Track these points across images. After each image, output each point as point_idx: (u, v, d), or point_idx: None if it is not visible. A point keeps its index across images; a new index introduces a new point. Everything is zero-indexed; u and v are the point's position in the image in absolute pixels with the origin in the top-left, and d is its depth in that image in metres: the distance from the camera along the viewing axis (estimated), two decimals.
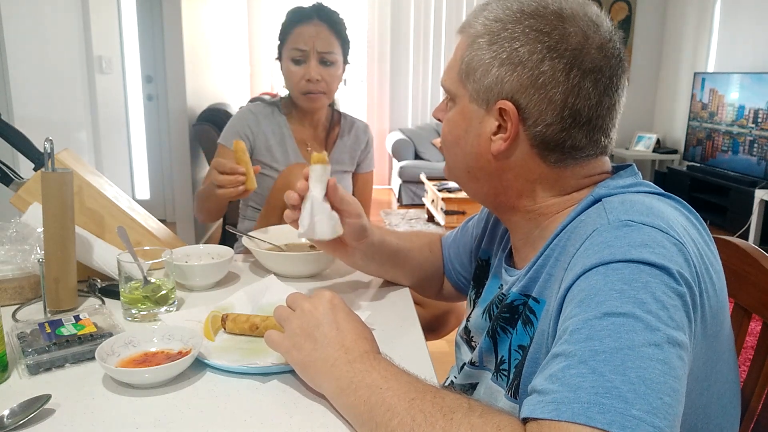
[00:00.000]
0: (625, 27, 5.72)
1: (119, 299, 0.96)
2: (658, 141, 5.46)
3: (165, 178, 4.56)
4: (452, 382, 0.89)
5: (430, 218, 4.99)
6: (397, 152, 5.65)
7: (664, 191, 0.70)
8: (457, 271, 1.05)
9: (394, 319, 0.98)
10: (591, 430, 0.47)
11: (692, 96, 4.91)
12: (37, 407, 0.66)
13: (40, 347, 0.79)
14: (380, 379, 0.63)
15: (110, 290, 1.05)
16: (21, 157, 1.16)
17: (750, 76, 4.28)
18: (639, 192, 0.69)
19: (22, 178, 1.16)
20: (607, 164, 0.75)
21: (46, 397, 0.68)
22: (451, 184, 4.57)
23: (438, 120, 0.81)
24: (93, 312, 0.92)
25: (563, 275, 0.64)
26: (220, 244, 1.55)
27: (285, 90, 1.61)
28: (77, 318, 0.88)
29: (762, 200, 3.87)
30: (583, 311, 0.55)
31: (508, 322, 0.75)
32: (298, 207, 0.92)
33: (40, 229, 1.00)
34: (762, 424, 0.78)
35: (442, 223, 4.50)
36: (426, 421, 0.56)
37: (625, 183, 0.70)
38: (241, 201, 1.69)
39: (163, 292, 0.96)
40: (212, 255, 1.17)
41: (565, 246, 0.68)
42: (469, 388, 0.84)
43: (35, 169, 1.15)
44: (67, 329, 0.85)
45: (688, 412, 0.59)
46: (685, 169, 4.95)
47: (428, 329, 1.40)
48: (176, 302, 1.00)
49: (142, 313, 0.95)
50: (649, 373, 0.50)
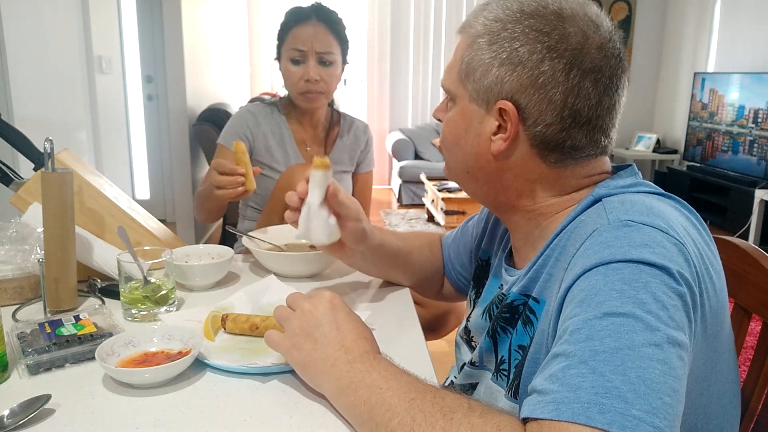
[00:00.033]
0: (625, 27, 5.72)
1: (119, 299, 0.96)
2: (658, 141, 5.46)
3: (165, 178, 4.56)
4: (452, 382, 0.89)
5: (430, 218, 4.99)
6: (397, 152, 5.65)
7: (664, 191, 0.70)
8: (457, 271, 1.05)
9: (394, 319, 0.98)
10: (591, 430, 0.47)
11: (692, 96, 4.91)
12: (37, 407, 0.66)
13: (40, 347, 0.79)
14: (380, 379, 0.63)
15: (110, 290, 1.05)
16: (21, 157, 1.16)
17: (750, 76, 4.28)
18: (639, 192, 0.69)
19: (22, 178, 1.16)
20: (607, 164, 0.75)
21: (46, 397, 0.68)
22: (451, 184, 4.57)
23: (438, 120, 0.81)
24: (93, 312, 0.93)
25: (563, 275, 0.64)
26: (220, 244, 1.55)
27: (285, 90, 1.61)
28: (77, 318, 0.88)
29: (762, 200, 3.87)
30: (583, 311, 0.55)
31: (508, 322, 0.75)
32: (298, 209, 0.91)
33: (40, 229, 1.00)
34: (762, 424, 0.78)
35: (442, 223, 4.50)
36: (426, 421, 0.56)
37: (625, 183, 0.70)
38: (241, 201, 1.69)
39: (163, 292, 0.96)
40: (212, 255, 1.17)
41: (565, 246, 0.68)
42: (469, 388, 0.84)
43: (35, 169, 1.15)
44: (67, 329, 0.85)
45: (688, 412, 0.59)
46: (685, 169, 4.95)
47: (428, 329, 1.40)
48: (176, 302, 1.00)
49: (142, 313, 0.95)
50: (649, 373, 0.50)
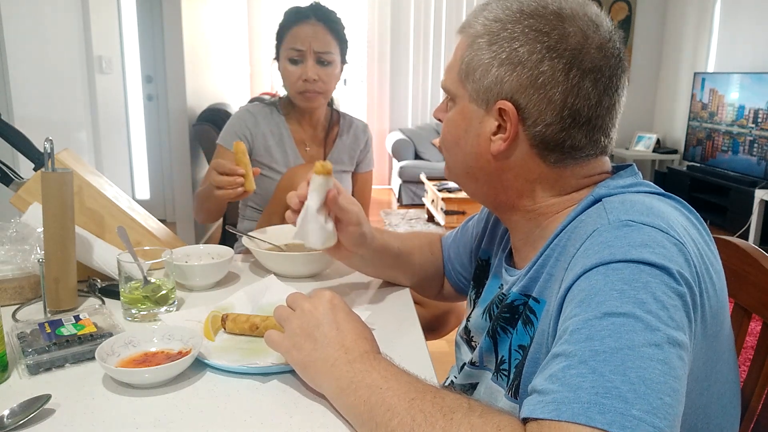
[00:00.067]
0: (625, 27, 5.72)
1: (119, 299, 0.96)
2: (658, 141, 5.46)
3: (165, 178, 4.56)
4: (452, 382, 0.89)
5: (430, 218, 4.99)
6: (397, 152, 5.65)
7: (664, 191, 0.70)
8: (457, 271, 1.05)
9: (394, 319, 0.98)
10: (591, 430, 0.47)
11: (692, 96, 4.91)
12: (37, 407, 0.66)
13: (40, 347, 0.79)
14: (380, 379, 0.63)
15: (110, 290, 1.05)
16: (21, 157, 1.16)
17: (750, 76, 4.28)
18: (639, 192, 0.69)
19: (22, 178, 1.16)
20: (607, 164, 0.75)
21: (46, 397, 0.68)
22: (451, 184, 4.57)
23: (438, 120, 0.81)
24: (93, 312, 0.93)
25: (563, 275, 0.63)
26: (220, 244, 1.55)
27: (285, 90, 1.61)
28: (77, 318, 0.88)
29: (762, 200, 3.87)
30: (583, 311, 0.55)
31: (509, 322, 0.75)
32: (298, 210, 0.91)
33: (40, 229, 1.00)
34: (762, 424, 0.78)
35: (442, 223, 4.50)
36: (426, 421, 0.56)
37: (625, 183, 0.70)
38: (241, 201, 1.69)
39: (163, 292, 0.96)
40: (212, 255, 1.17)
41: (566, 246, 0.68)
42: (470, 388, 0.84)
43: (35, 169, 1.15)
44: (67, 329, 0.85)
45: (688, 412, 0.59)
46: (685, 169, 4.95)
47: (428, 329, 1.40)
48: (176, 302, 1.00)
49: (142, 313, 0.95)
50: (649, 373, 0.50)
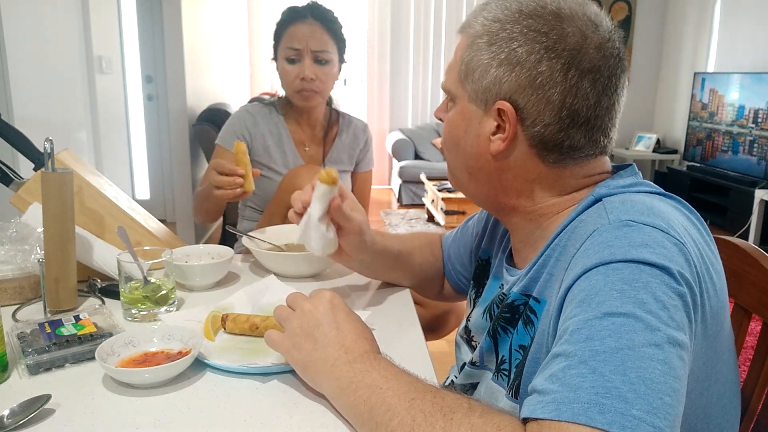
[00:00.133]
0: (625, 27, 5.72)
1: (119, 299, 0.96)
2: (658, 141, 5.46)
3: (165, 178, 4.56)
4: (453, 381, 0.89)
5: (430, 218, 4.99)
6: (397, 152, 5.65)
7: (664, 191, 0.70)
8: (458, 271, 1.05)
9: (394, 319, 0.98)
10: (591, 430, 0.47)
11: (692, 96, 4.91)
12: (37, 407, 0.66)
13: (40, 347, 0.79)
14: (380, 379, 0.63)
15: (110, 290, 1.05)
16: (21, 157, 1.16)
17: (750, 76, 4.28)
18: (639, 192, 0.69)
19: (22, 178, 1.16)
20: (607, 164, 0.75)
21: (46, 397, 0.68)
22: None
23: (439, 120, 0.81)
24: (93, 312, 0.92)
25: (564, 275, 0.63)
26: (220, 244, 1.55)
27: (283, 90, 1.61)
28: (77, 318, 0.88)
29: (762, 200, 3.87)
30: (583, 311, 0.55)
31: (509, 321, 0.75)
32: (301, 214, 0.91)
33: (40, 229, 1.00)
34: (762, 424, 0.78)
35: (442, 223, 4.50)
36: (426, 421, 0.56)
37: (625, 183, 0.70)
38: (240, 202, 1.69)
39: (163, 292, 0.96)
40: (212, 255, 1.17)
41: (566, 246, 0.68)
42: (470, 388, 0.84)
43: (35, 169, 1.15)
44: (67, 329, 0.85)
45: (688, 412, 0.59)
46: (685, 169, 4.95)
47: (428, 329, 1.40)
48: (176, 302, 1.00)
49: (142, 313, 0.95)
50: (650, 373, 0.50)
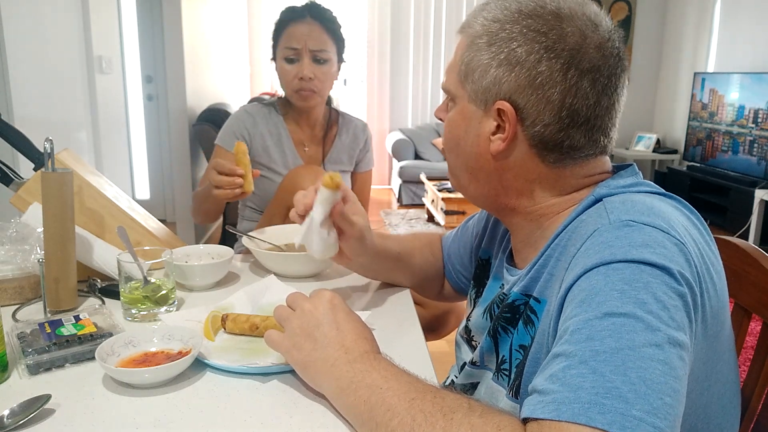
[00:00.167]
0: (625, 27, 5.72)
1: (119, 299, 0.96)
2: (658, 141, 5.46)
3: (165, 178, 4.56)
4: (453, 381, 0.89)
5: (430, 218, 4.99)
6: (397, 152, 5.65)
7: (665, 191, 0.70)
8: (458, 271, 1.05)
9: (394, 319, 0.98)
10: (591, 431, 0.47)
11: (692, 96, 4.91)
12: (37, 407, 0.66)
13: (40, 347, 0.79)
14: (380, 379, 0.63)
15: (110, 290, 1.05)
16: (21, 157, 1.16)
17: (750, 76, 4.28)
18: (640, 192, 0.69)
19: (22, 178, 1.16)
20: (607, 164, 0.75)
21: (46, 397, 0.68)
22: None
23: (439, 119, 0.81)
24: (93, 312, 0.92)
25: (564, 275, 0.63)
26: (220, 244, 1.55)
27: (282, 89, 1.61)
28: (77, 318, 0.88)
29: (762, 200, 3.87)
30: (583, 311, 0.55)
31: (509, 321, 0.75)
32: (303, 216, 0.91)
33: (40, 229, 0.99)
34: (762, 424, 0.78)
35: (442, 223, 4.50)
36: (426, 421, 0.56)
37: (625, 183, 0.70)
38: (240, 202, 1.69)
39: (163, 292, 0.96)
40: (212, 255, 1.17)
41: (566, 246, 0.68)
42: (470, 388, 0.84)
43: (35, 169, 1.15)
44: (67, 329, 0.85)
45: (688, 412, 0.59)
46: (685, 169, 4.95)
47: (428, 329, 1.40)
48: (176, 302, 1.00)
49: (142, 313, 0.95)
50: (650, 373, 0.49)
